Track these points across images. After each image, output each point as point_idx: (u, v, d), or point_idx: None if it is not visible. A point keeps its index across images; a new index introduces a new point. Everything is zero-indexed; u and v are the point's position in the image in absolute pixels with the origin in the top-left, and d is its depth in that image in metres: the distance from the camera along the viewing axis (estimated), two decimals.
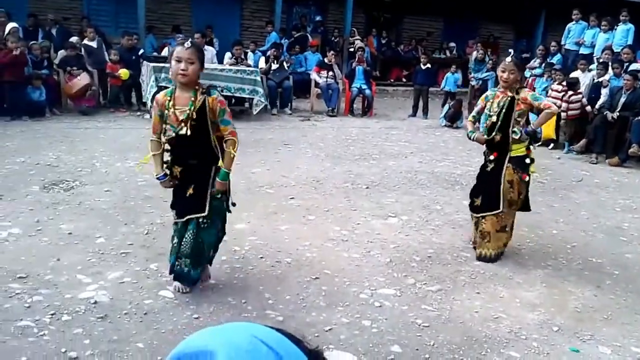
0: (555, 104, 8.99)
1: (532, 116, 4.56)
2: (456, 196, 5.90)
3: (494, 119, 4.11)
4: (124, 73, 9.50)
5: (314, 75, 11.21)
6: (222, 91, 9.16)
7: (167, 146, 3.28)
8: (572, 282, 3.98)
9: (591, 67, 9.75)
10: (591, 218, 5.48)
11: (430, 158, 7.64)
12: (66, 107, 9.46)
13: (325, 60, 11.50)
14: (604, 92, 8.69)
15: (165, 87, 9.09)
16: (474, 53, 13.04)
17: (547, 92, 9.56)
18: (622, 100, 8.15)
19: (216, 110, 3.18)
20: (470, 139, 4.31)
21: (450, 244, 4.54)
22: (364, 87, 11.09)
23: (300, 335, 0.66)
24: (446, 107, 10.69)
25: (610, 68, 9.14)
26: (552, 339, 3.20)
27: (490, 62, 11.88)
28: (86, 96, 9.31)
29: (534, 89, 10.52)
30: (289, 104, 10.86)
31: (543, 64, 10.79)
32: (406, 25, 16.88)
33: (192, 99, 3.13)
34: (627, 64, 9.16)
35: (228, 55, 10.65)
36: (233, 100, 10.28)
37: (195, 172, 3.27)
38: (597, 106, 8.65)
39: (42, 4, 12.75)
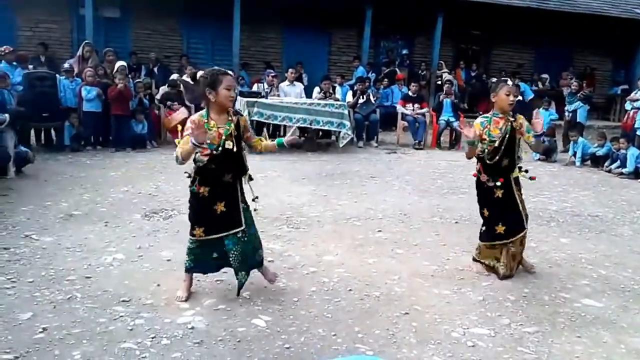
0: None
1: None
2: (552, 233, 5.65)
3: (497, 144, 4.19)
4: None
5: (400, 108, 11.23)
6: (310, 124, 9.40)
7: (201, 164, 3.51)
8: None
9: None
10: None
11: (523, 193, 7.36)
12: (165, 139, 10.03)
13: (409, 92, 11.51)
14: None
15: (257, 121, 9.47)
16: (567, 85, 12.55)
17: None
18: None
19: (248, 127, 3.73)
20: (469, 144, 4.22)
21: (547, 284, 4.33)
22: (452, 119, 10.96)
23: None
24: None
25: None
26: None
27: (581, 93, 11.37)
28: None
29: (634, 122, 9.99)
30: (375, 137, 10.91)
31: None
32: (495, 57, 16.60)
33: (229, 118, 3.56)
34: None
35: (317, 89, 10.91)
36: (320, 133, 10.49)
37: (225, 188, 3.60)
38: None
39: (145, 44, 13.71)
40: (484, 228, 4.48)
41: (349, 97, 10.98)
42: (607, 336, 3.54)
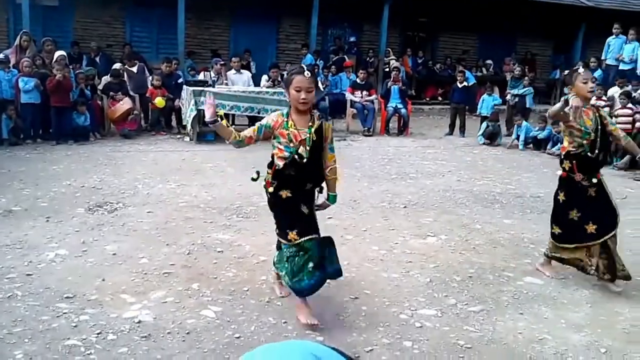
0: None
1: None
2: (496, 215, 5.82)
3: (593, 136, 3.88)
4: (159, 101, 9.74)
5: (348, 96, 11.28)
6: (259, 113, 9.33)
7: (281, 166, 3.29)
8: (620, 302, 3.86)
9: None
10: (637, 236, 5.31)
11: (468, 177, 7.56)
12: (109, 131, 9.76)
13: (358, 80, 11.57)
14: None
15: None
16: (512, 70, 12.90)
17: None
18: None
19: (329, 137, 3.38)
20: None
21: (491, 264, 4.46)
22: (400, 106, 11.09)
23: (354, 355, 0.68)
24: (484, 124, 10.59)
25: None
26: None
27: (527, 79, 11.72)
28: (128, 120, 9.59)
29: None
30: None
31: None
32: (441, 44, 16.86)
33: (310, 123, 3.27)
34: None
35: (265, 77, 10.82)
36: None
37: (304, 194, 3.36)
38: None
39: (86, 33, 13.26)
40: (560, 231, 4.12)
41: None
42: (548, 312, 3.68)
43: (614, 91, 9.28)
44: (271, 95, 9.58)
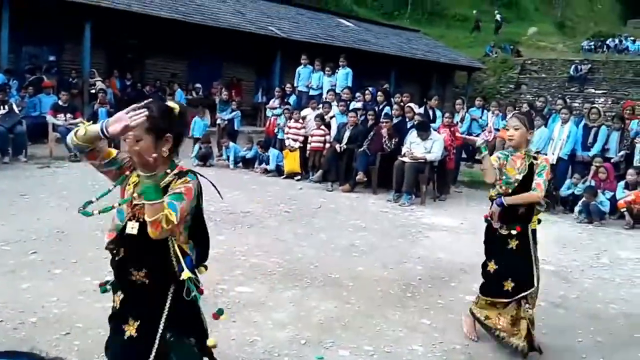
0: (297, 139, 10.03)
1: None
2: (211, 232, 6.07)
3: (513, 187, 3.58)
4: None
5: (50, 119, 10.46)
6: None
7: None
8: (316, 298, 4.46)
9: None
10: (329, 239, 6.18)
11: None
12: None
13: (60, 102, 10.83)
14: (333, 127, 9.86)
15: None
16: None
17: (284, 130, 10.49)
18: (347, 134, 9.37)
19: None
20: (493, 203, 3.62)
21: (208, 279, 4.63)
22: None
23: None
24: (196, 146, 10.94)
25: (336, 106, 10.45)
26: (301, 351, 3.56)
27: (235, 102, 12.53)
28: None
29: (275, 127, 11.43)
30: (24, 151, 9.92)
31: (281, 104, 11.77)
32: (150, 66, 16.78)
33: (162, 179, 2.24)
34: (348, 102, 10.54)
35: None
36: None
37: (139, 295, 2.27)
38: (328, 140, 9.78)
39: None
40: (482, 281, 3.83)
41: None
42: (257, 316, 4.06)
43: (307, 112, 10.54)
44: None
